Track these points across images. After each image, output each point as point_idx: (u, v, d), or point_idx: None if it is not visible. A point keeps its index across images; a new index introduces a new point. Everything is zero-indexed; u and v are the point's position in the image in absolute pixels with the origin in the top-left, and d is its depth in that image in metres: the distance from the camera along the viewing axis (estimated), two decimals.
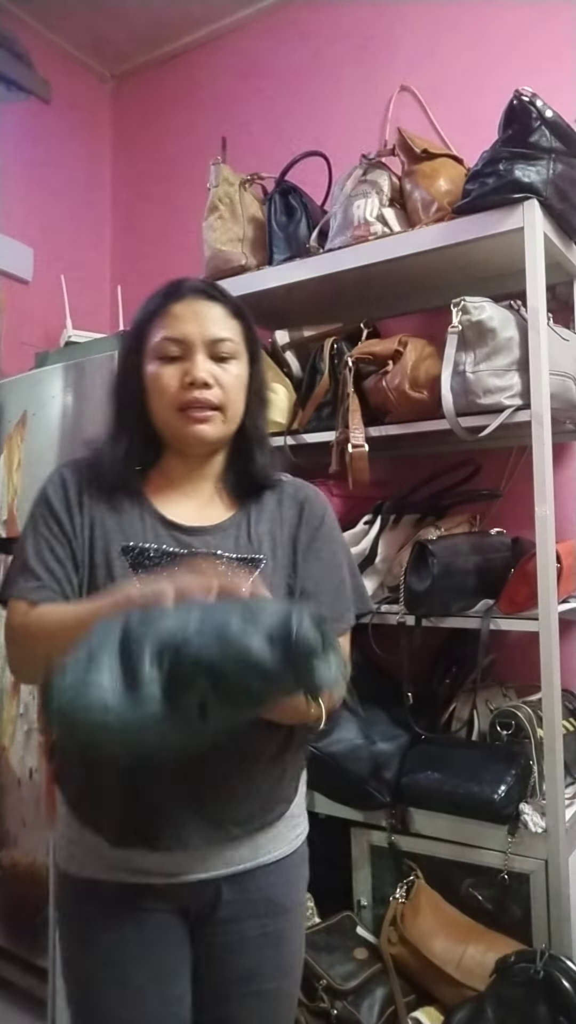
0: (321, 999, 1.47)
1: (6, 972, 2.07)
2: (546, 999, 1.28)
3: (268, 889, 1.04)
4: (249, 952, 1.03)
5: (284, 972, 1.07)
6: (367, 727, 1.69)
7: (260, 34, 2.50)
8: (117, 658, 0.75)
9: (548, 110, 1.52)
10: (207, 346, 1.01)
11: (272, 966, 1.05)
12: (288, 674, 0.74)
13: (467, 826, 1.52)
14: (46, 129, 2.64)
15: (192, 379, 0.99)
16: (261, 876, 1.03)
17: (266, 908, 1.04)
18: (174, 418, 1.01)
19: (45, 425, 2.10)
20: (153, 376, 1.01)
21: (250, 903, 1.03)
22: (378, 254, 1.71)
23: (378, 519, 1.76)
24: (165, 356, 1.01)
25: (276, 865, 1.05)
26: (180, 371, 1.00)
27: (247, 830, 1.02)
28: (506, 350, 1.53)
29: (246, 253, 1.95)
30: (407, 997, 1.49)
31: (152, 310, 1.03)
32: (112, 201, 2.88)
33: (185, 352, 1.01)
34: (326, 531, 1.09)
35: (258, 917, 1.03)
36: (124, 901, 0.99)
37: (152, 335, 1.02)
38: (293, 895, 1.09)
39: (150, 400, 1.03)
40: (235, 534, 1.04)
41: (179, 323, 1.01)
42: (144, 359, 1.03)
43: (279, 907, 1.05)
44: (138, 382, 1.04)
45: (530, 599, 1.49)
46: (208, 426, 1.01)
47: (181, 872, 0.99)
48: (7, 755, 2.10)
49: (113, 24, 2.59)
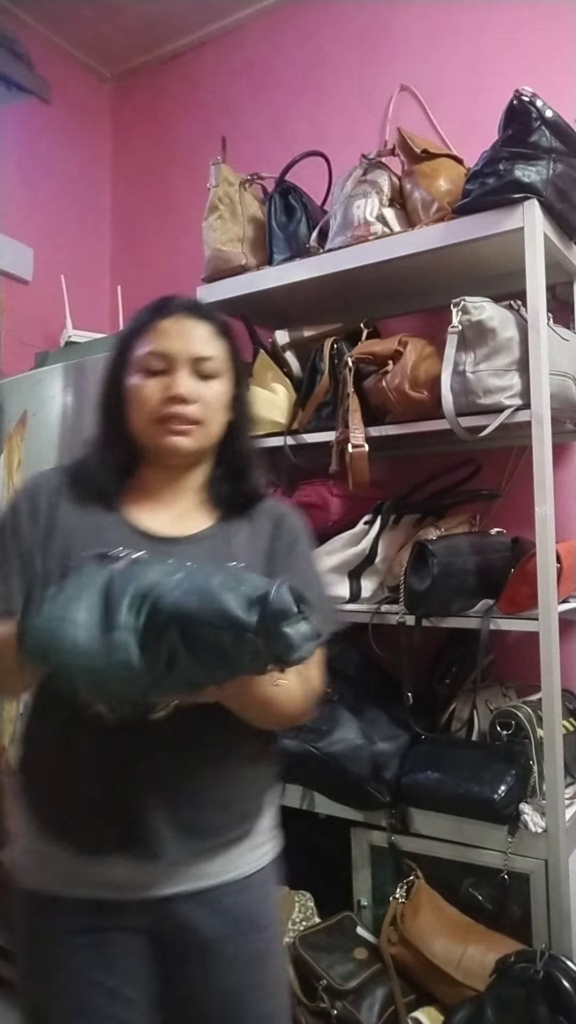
0: (321, 999, 1.47)
1: (6, 972, 2.07)
2: (546, 999, 1.28)
3: (244, 906, 1.02)
4: (233, 973, 1.00)
5: (270, 991, 1.05)
6: (367, 727, 1.69)
7: (260, 34, 2.50)
8: (97, 600, 0.77)
9: (548, 110, 1.52)
10: (191, 363, 1.02)
11: (258, 986, 1.03)
12: (260, 637, 0.75)
13: (467, 826, 1.52)
14: (46, 129, 2.64)
15: (173, 394, 1.00)
16: (235, 892, 1.01)
17: (245, 926, 1.02)
18: (152, 429, 1.02)
19: (45, 425, 2.10)
20: (135, 388, 1.03)
21: (228, 922, 1.00)
22: (378, 254, 1.71)
23: (378, 519, 1.76)
24: (149, 370, 1.02)
25: (248, 881, 1.03)
26: (162, 385, 1.01)
27: (221, 842, 1.00)
28: (506, 350, 1.53)
29: (246, 253, 1.95)
30: (407, 997, 1.49)
31: (139, 324, 1.05)
32: (112, 201, 2.88)
33: (169, 367, 1.02)
34: (301, 548, 1.10)
35: (238, 936, 1.01)
36: (88, 919, 0.96)
37: (137, 349, 1.04)
38: (268, 911, 1.07)
39: (130, 411, 1.04)
40: (210, 545, 1.04)
41: (165, 339, 1.02)
42: (128, 371, 1.04)
43: (257, 925, 1.03)
44: (121, 394, 1.05)
45: (530, 599, 1.49)
46: (185, 439, 1.02)
47: (152, 886, 0.97)
48: (7, 755, 2.10)
49: (113, 24, 2.59)
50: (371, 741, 1.65)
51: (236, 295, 1.95)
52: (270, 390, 1.92)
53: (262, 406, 1.88)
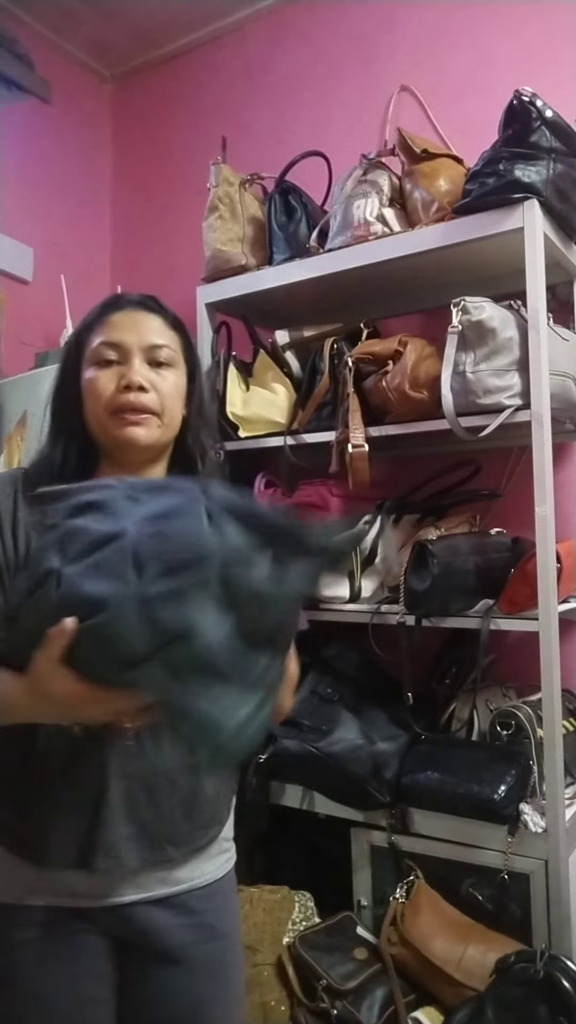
0: (321, 999, 1.47)
1: None
2: (546, 999, 1.28)
3: (207, 914, 1.02)
4: (196, 981, 1.00)
5: (233, 1000, 1.05)
6: (367, 727, 1.69)
7: (260, 34, 2.50)
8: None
9: (548, 110, 1.52)
10: (144, 351, 1.01)
11: (221, 995, 1.03)
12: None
13: (467, 826, 1.52)
14: (46, 129, 2.64)
15: (128, 382, 0.98)
16: (197, 900, 1.01)
17: (208, 933, 1.02)
18: (108, 421, 0.99)
19: (45, 425, 2.10)
20: (89, 381, 1.01)
21: (191, 928, 1.00)
22: (378, 254, 1.71)
23: (378, 519, 1.76)
24: (102, 360, 1.01)
25: (210, 888, 1.03)
26: (116, 375, 1.00)
27: (184, 852, 1.00)
28: (506, 350, 1.53)
29: (246, 253, 1.95)
30: (407, 997, 1.49)
31: (91, 320, 1.04)
32: (112, 201, 2.88)
33: (122, 357, 1.01)
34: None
35: (201, 943, 1.01)
36: (50, 927, 0.95)
37: (89, 342, 1.02)
38: (230, 920, 1.07)
39: (86, 406, 1.02)
40: None
41: (117, 330, 1.01)
42: (81, 367, 1.03)
43: (219, 932, 1.03)
44: (76, 390, 1.03)
45: (530, 599, 1.49)
46: (142, 429, 0.99)
47: (113, 894, 0.96)
48: None
49: (113, 24, 2.59)
50: (371, 741, 1.65)
51: (236, 295, 1.95)
52: (270, 390, 1.92)
53: (262, 406, 1.89)
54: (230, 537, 0.69)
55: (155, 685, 0.69)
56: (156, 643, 0.67)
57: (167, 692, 0.69)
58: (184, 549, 0.69)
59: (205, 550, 0.68)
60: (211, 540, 0.69)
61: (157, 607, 0.67)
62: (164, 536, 0.70)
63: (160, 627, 0.67)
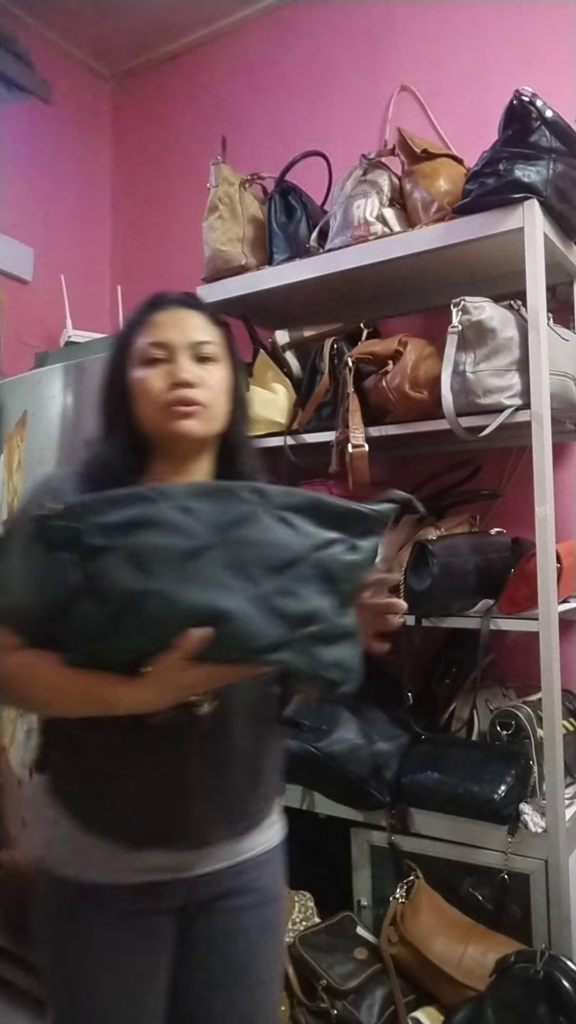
0: (321, 999, 1.47)
1: (6, 972, 2.07)
2: (546, 999, 1.28)
3: (264, 878, 1.08)
4: (247, 941, 1.06)
5: (275, 959, 1.12)
6: (367, 727, 1.69)
7: (260, 34, 2.50)
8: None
9: (548, 110, 1.52)
10: (190, 348, 1.04)
11: (268, 954, 1.09)
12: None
13: (467, 826, 1.52)
14: (46, 129, 2.64)
15: (177, 379, 1.02)
16: (257, 867, 1.07)
17: (262, 897, 1.08)
18: (160, 416, 1.03)
19: (45, 425, 2.10)
20: (139, 380, 1.04)
21: (250, 892, 1.06)
22: (378, 254, 1.71)
23: None
24: (149, 360, 1.04)
25: (268, 855, 1.09)
26: (165, 373, 1.03)
27: (253, 822, 1.06)
28: (506, 350, 1.53)
29: (246, 253, 1.95)
30: (407, 997, 1.49)
31: (135, 320, 1.07)
32: (112, 201, 2.88)
33: (169, 356, 1.04)
34: None
35: (255, 907, 1.07)
36: (122, 902, 0.99)
37: (135, 344, 1.06)
38: (281, 884, 1.13)
39: (136, 404, 1.05)
40: None
41: (161, 330, 1.05)
42: (128, 367, 1.06)
43: (272, 895, 1.10)
44: (124, 389, 1.06)
45: (530, 599, 1.49)
46: (193, 421, 1.03)
47: (188, 868, 1.01)
48: (7, 755, 2.10)
49: (113, 24, 2.59)
50: (371, 741, 1.65)
51: (236, 295, 1.95)
52: (270, 390, 1.92)
53: (262, 406, 1.88)
54: (309, 533, 0.83)
55: (291, 659, 0.82)
56: (288, 630, 0.81)
57: (301, 661, 0.82)
58: (280, 551, 0.81)
59: (297, 549, 0.81)
60: (297, 540, 0.82)
61: (279, 602, 0.80)
62: (251, 543, 0.81)
63: (288, 617, 0.80)
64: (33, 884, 1.06)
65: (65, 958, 1.02)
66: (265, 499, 0.82)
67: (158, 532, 0.80)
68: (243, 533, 0.81)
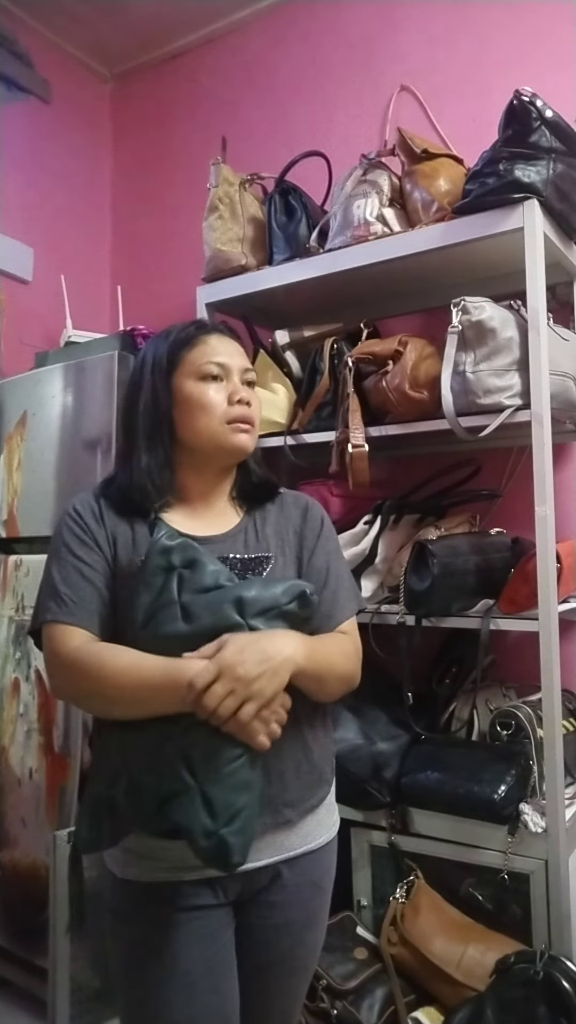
0: (321, 999, 1.47)
1: (6, 972, 2.07)
2: (546, 999, 1.28)
3: (312, 874, 1.13)
4: (292, 933, 1.12)
5: (315, 950, 1.18)
6: (367, 727, 1.69)
7: (260, 34, 2.50)
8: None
9: (548, 110, 1.52)
10: (240, 373, 1.16)
11: (308, 945, 1.15)
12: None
13: (467, 826, 1.52)
14: (46, 129, 2.64)
15: (240, 397, 1.13)
16: (308, 862, 1.12)
17: (310, 892, 1.13)
18: (221, 430, 1.12)
19: (45, 425, 2.10)
20: (198, 393, 1.12)
21: (298, 888, 1.11)
22: (378, 254, 1.71)
23: (378, 519, 1.76)
24: (207, 376, 1.12)
25: (321, 851, 1.14)
26: (224, 390, 1.13)
27: (299, 812, 1.09)
28: (506, 350, 1.53)
29: (246, 253, 1.95)
30: (407, 997, 1.49)
31: (186, 337, 1.15)
32: (112, 201, 2.88)
33: (225, 375, 1.14)
34: (327, 532, 1.22)
35: (303, 901, 1.12)
36: (183, 899, 1.04)
37: (189, 358, 1.13)
38: (329, 878, 1.18)
39: (189, 416, 1.12)
40: (243, 538, 1.15)
41: (218, 351, 1.14)
42: (178, 379, 1.12)
43: (320, 890, 1.15)
44: (170, 398, 1.12)
45: (530, 599, 1.49)
46: (247, 436, 1.15)
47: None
48: (7, 755, 2.10)
49: (113, 24, 2.59)
50: (371, 741, 1.65)
51: (236, 295, 1.95)
52: (270, 390, 1.92)
53: (262, 406, 1.88)
54: (281, 596, 1.02)
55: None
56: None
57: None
58: (271, 600, 1.02)
59: (278, 601, 1.02)
60: (281, 598, 1.02)
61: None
62: (264, 588, 1.02)
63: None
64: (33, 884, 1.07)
65: (132, 952, 1.06)
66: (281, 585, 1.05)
67: (199, 571, 1.02)
68: (260, 589, 1.03)
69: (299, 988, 1.18)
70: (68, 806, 1.91)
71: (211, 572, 1.00)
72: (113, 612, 1.06)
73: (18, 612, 2.10)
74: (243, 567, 1.11)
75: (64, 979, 1.72)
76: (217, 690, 0.91)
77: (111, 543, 1.09)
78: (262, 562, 1.12)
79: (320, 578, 1.15)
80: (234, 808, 0.93)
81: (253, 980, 1.11)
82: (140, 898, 1.05)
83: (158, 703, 0.95)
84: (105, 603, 1.06)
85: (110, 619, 1.06)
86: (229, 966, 1.08)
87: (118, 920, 1.08)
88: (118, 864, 1.07)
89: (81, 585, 1.05)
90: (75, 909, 1.37)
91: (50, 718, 1.98)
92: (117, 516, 1.11)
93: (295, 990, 1.17)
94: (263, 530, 1.17)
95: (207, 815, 0.91)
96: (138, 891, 1.05)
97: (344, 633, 1.15)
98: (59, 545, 1.09)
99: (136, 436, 1.13)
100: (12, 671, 2.11)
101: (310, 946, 1.16)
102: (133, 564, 1.06)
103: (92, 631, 1.04)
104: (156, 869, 1.04)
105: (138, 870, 1.05)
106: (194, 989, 1.03)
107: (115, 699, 0.97)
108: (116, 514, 1.11)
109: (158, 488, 1.11)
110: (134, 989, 1.06)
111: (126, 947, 1.07)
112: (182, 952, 1.03)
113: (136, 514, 1.11)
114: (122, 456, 1.16)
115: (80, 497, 1.15)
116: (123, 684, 0.96)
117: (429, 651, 1.88)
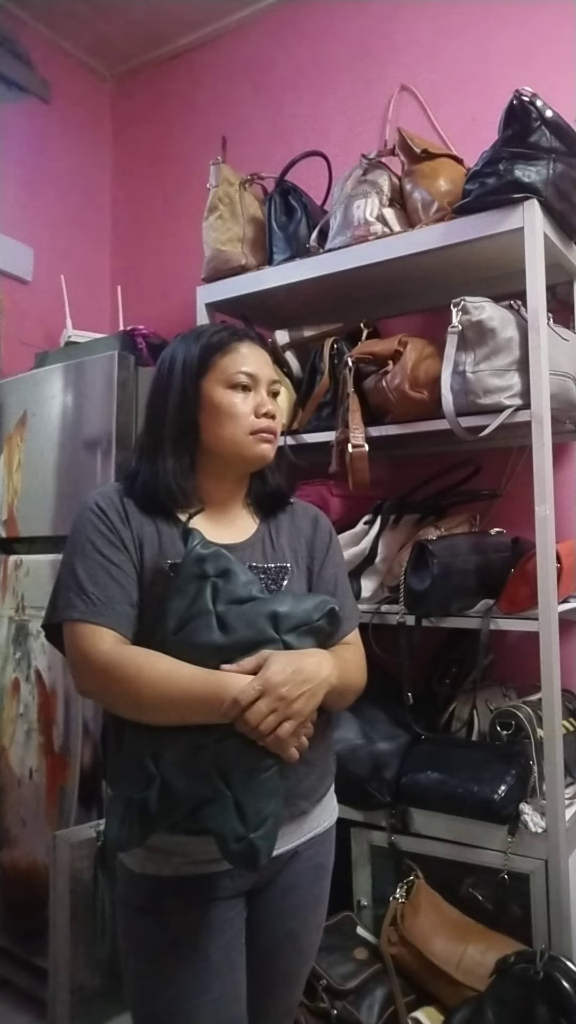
0: (321, 999, 1.47)
1: (6, 972, 2.07)
2: (546, 1000, 1.28)
3: (318, 857, 1.18)
4: (299, 914, 1.17)
5: (319, 928, 1.23)
6: (367, 727, 1.69)
7: (260, 34, 2.50)
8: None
9: (548, 110, 1.52)
10: (267, 384, 1.17)
11: (313, 924, 1.20)
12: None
13: (467, 826, 1.52)
14: (46, 129, 2.65)
15: (266, 410, 1.14)
16: (317, 844, 1.17)
17: (316, 873, 1.18)
18: (245, 439, 1.13)
19: (45, 425, 2.10)
20: (227, 402, 1.13)
21: (305, 870, 1.16)
22: (378, 254, 1.71)
23: (378, 519, 1.76)
24: (237, 385, 1.13)
25: (325, 834, 1.20)
26: (251, 400, 1.14)
27: (311, 802, 1.15)
28: (506, 350, 1.53)
29: (246, 253, 1.95)
30: (407, 997, 1.49)
31: (219, 342, 1.15)
32: (112, 201, 2.88)
33: (254, 385, 1.15)
34: (335, 544, 1.27)
35: (310, 883, 1.17)
36: (199, 891, 1.06)
37: (221, 365, 1.13)
38: (331, 860, 1.23)
39: (215, 422, 1.13)
40: (262, 547, 1.17)
41: (248, 360, 1.15)
42: (207, 384, 1.13)
43: (324, 871, 1.21)
44: (198, 402, 1.13)
45: (530, 599, 1.49)
46: (269, 446, 1.16)
47: None
48: (7, 755, 2.10)
49: (113, 24, 2.59)
50: (371, 741, 1.65)
51: (236, 295, 1.95)
52: None
53: None
54: (313, 612, 1.05)
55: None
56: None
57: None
58: (303, 615, 1.05)
59: (310, 617, 1.05)
60: (313, 614, 1.05)
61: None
62: (296, 603, 1.05)
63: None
64: (33, 884, 1.08)
65: (150, 942, 1.07)
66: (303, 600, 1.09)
67: (232, 581, 1.05)
68: (293, 604, 1.07)
69: (304, 967, 1.23)
70: (68, 806, 1.91)
71: (244, 583, 1.02)
72: (140, 614, 1.06)
73: (18, 612, 2.10)
74: (266, 576, 1.13)
75: (64, 979, 1.72)
76: (261, 708, 0.94)
77: (137, 545, 1.08)
78: (281, 572, 1.15)
79: (329, 590, 1.19)
80: (263, 814, 0.96)
81: (263, 961, 1.14)
82: (160, 891, 1.06)
83: (194, 713, 0.97)
84: (132, 604, 1.06)
85: (136, 621, 1.06)
86: (240, 952, 1.11)
87: (137, 914, 1.09)
88: (136, 860, 1.08)
89: (109, 585, 1.05)
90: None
91: (50, 718, 1.98)
92: (142, 515, 1.10)
93: (301, 969, 1.22)
94: (278, 540, 1.19)
95: (238, 821, 0.95)
96: (158, 885, 1.06)
97: (351, 644, 1.19)
98: (83, 541, 1.08)
99: (162, 436, 1.13)
100: (12, 671, 2.11)
101: (315, 926, 1.21)
102: (159, 566, 1.07)
103: (121, 632, 1.04)
104: (177, 864, 1.05)
105: (157, 865, 1.06)
106: (211, 976, 1.05)
107: (149, 705, 0.98)
108: (141, 513, 1.11)
109: (184, 491, 1.12)
110: (153, 979, 1.07)
111: (145, 939, 1.08)
112: (202, 941, 1.05)
113: (160, 513, 1.11)
114: (145, 453, 1.15)
115: (102, 493, 1.13)
116: (160, 692, 0.97)
117: (429, 651, 1.88)
